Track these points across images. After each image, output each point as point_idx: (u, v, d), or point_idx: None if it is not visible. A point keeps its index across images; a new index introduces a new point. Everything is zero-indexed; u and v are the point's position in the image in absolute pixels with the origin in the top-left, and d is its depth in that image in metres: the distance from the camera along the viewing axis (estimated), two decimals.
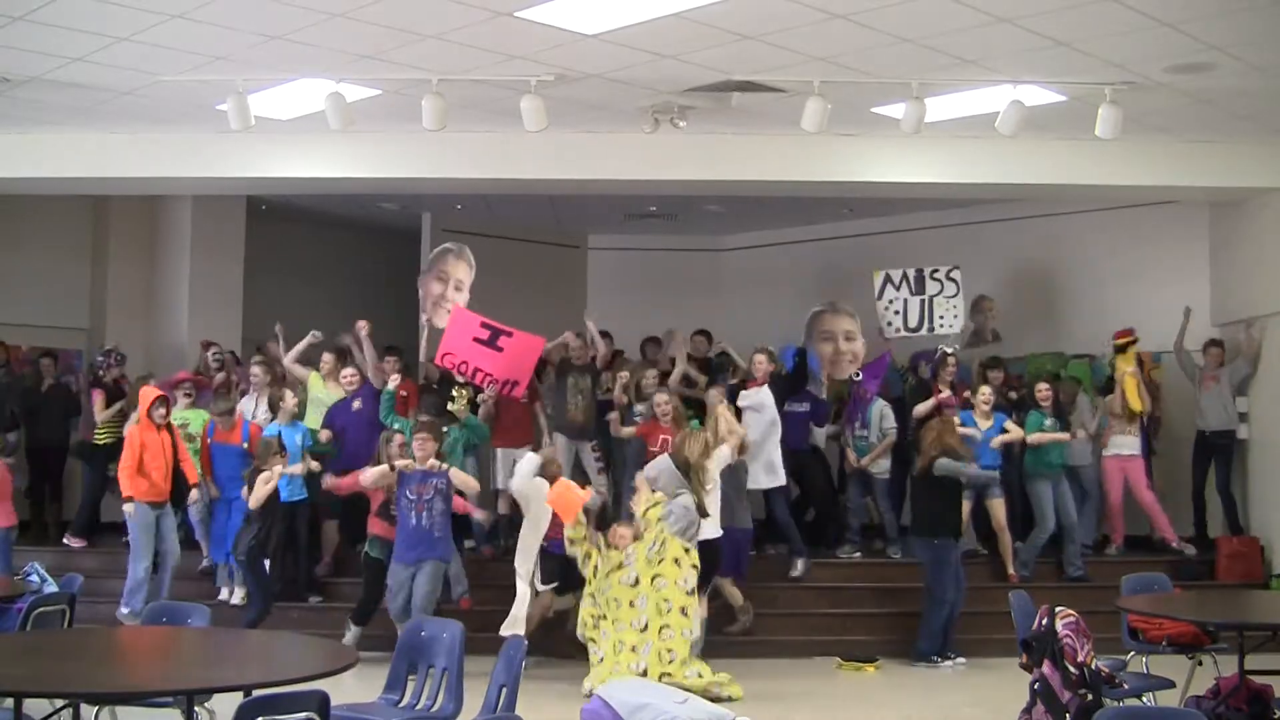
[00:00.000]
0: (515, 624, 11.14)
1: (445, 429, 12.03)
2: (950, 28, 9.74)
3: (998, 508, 13.25)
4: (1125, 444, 14.03)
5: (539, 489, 11.40)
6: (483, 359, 13.06)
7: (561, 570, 11.55)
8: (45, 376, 15.16)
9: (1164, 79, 10.86)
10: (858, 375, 14.29)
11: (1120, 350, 14.12)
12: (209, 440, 12.89)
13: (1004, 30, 9.70)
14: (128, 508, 11.91)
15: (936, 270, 14.85)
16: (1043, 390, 13.64)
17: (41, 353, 15.48)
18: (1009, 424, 13.32)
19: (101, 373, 14.38)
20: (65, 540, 13.86)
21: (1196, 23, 9.57)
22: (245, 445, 12.70)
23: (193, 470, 12.49)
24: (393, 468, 11.26)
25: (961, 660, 12.02)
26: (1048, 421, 13.37)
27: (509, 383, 13.13)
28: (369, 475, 11.42)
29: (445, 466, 11.30)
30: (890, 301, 14.99)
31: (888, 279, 15.02)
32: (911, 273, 14.91)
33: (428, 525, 11.11)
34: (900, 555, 13.73)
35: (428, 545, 11.13)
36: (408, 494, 11.15)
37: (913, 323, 14.90)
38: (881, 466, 13.90)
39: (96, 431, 14.11)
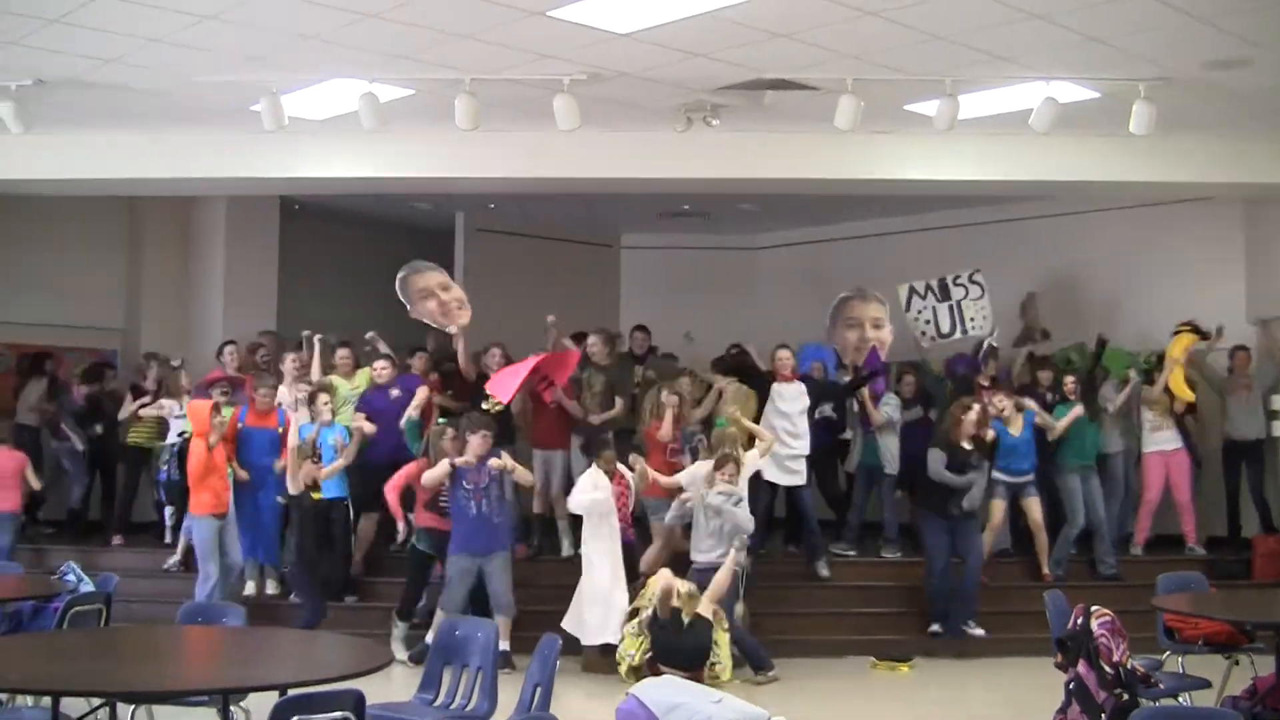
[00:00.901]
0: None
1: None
2: (983, 24, 9.71)
3: (1033, 507, 13.23)
4: (1166, 439, 13.93)
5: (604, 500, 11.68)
6: (523, 371, 13.12)
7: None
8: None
9: (1199, 75, 10.79)
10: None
11: (1176, 334, 14.04)
12: (240, 425, 12.79)
13: (1037, 26, 9.66)
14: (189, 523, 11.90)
15: (959, 276, 14.86)
16: (1068, 384, 13.63)
17: (95, 360, 15.69)
18: (1038, 411, 13.34)
19: (143, 379, 14.44)
20: (114, 540, 14.00)
21: (1232, 17, 9.50)
22: (281, 429, 12.63)
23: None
24: (454, 465, 11.32)
25: (980, 631, 12.36)
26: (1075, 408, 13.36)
27: (547, 381, 13.21)
28: (432, 476, 11.45)
29: (511, 466, 11.40)
30: (919, 312, 15.03)
31: (912, 290, 15.05)
32: (934, 282, 14.94)
33: (488, 512, 11.24)
34: (897, 555, 13.83)
35: (491, 532, 11.26)
36: (464, 485, 11.26)
37: (944, 328, 14.92)
38: (892, 453, 13.93)
39: (131, 430, 14.17)
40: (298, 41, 10.15)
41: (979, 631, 12.37)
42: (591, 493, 11.66)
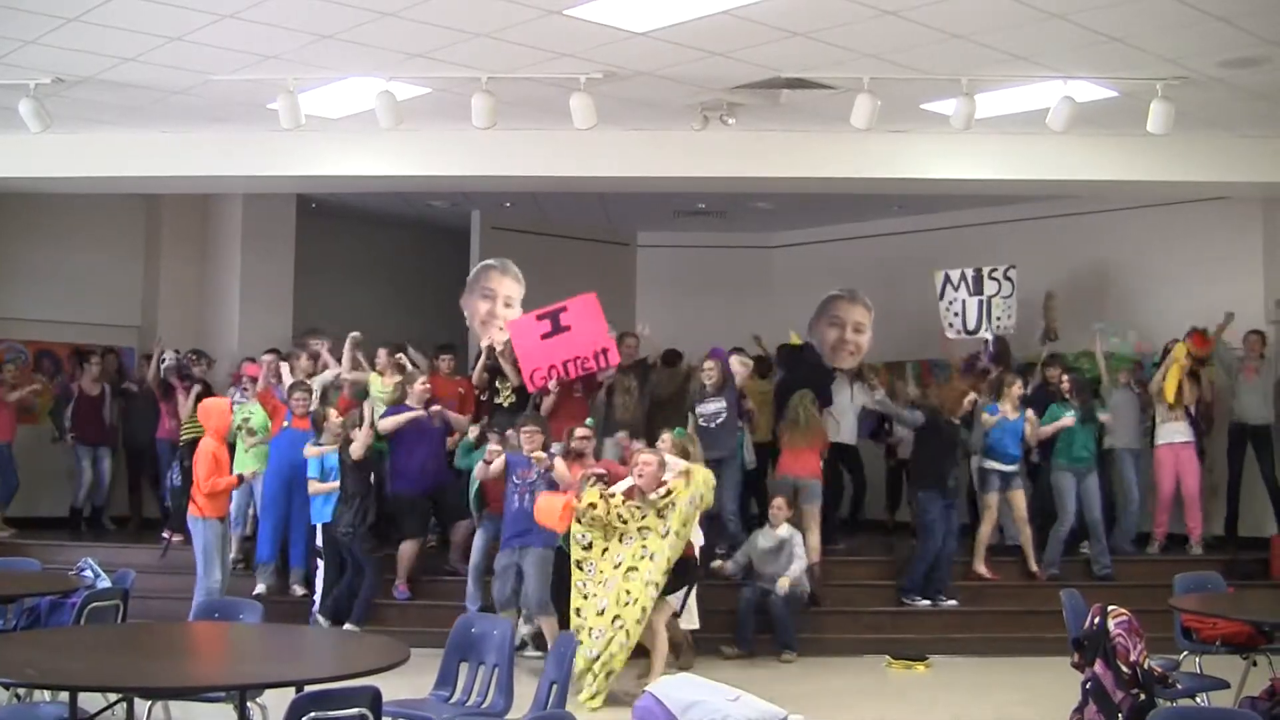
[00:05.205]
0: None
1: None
2: (1001, 23, 9.71)
3: (1019, 499, 13.23)
4: (1176, 430, 13.88)
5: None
6: (561, 349, 12.96)
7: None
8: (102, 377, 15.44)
9: (1217, 74, 10.78)
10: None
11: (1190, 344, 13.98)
12: (286, 425, 12.91)
13: (1055, 25, 9.66)
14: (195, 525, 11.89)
15: (995, 269, 14.88)
16: (1064, 382, 13.63)
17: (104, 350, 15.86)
18: (1029, 414, 13.29)
19: (193, 368, 14.54)
20: (164, 536, 13.84)
21: (1250, 17, 9.49)
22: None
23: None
24: (487, 462, 11.51)
25: (952, 602, 12.88)
26: (1069, 412, 13.27)
27: (600, 352, 12.99)
28: (489, 472, 11.65)
29: (551, 466, 11.32)
30: (950, 303, 15.08)
31: (947, 279, 15.10)
32: (970, 272, 14.99)
33: (529, 507, 11.16)
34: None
35: (526, 528, 11.18)
36: (514, 479, 11.36)
37: (971, 324, 14.97)
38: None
39: (184, 427, 14.14)
40: (315, 40, 10.19)
41: (952, 601, 12.90)
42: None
